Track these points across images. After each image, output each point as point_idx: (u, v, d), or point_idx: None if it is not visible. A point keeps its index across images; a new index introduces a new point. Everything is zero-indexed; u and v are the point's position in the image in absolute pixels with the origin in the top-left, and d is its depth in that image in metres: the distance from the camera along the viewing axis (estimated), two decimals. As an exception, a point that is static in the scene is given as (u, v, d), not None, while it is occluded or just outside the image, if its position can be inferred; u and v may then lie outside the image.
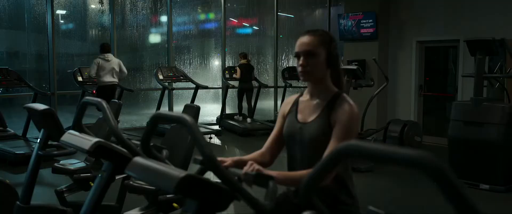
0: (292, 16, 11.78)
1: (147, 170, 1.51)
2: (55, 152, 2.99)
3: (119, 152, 2.04)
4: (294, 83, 10.07)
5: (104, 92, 7.94)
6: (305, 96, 2.04)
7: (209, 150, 1.45)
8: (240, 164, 1.94)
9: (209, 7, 11.66)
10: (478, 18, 7.58)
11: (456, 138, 5.56)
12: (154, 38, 11.01)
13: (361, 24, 8.71)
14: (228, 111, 10.43)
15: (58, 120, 2.80)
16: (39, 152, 2.81)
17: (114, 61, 8.02)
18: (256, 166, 1.68)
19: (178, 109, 10.32)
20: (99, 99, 2.13)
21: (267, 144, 2.08)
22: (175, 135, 3.54)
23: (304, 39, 1.94)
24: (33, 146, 6.98)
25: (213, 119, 10.57)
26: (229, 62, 10.74)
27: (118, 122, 4.63)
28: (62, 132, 2.81)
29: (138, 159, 1.58)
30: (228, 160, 1.85)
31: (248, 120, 9.55)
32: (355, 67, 6.18)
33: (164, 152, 2.22)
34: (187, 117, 1.49)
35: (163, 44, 10.62)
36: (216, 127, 9.34)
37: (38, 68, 9.52)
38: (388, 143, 6.81)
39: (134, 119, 10.23)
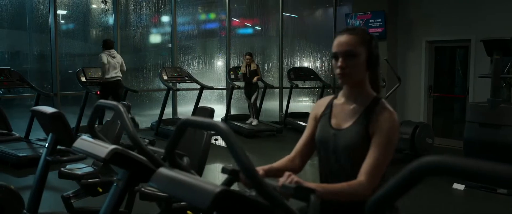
0: (295, 16, 11.61)
1: (175, 183, 1.35)
2: (65, 158, 2.83)
3: (138, 160, 1.89)
4: (299, 84, 9.90)
5: (109, 88, 7.82)
6: (340, 99, 1.89)
7: (248, 161, 1.29)
8: (271, 173, 1.79)
9: (212, 7, 11.52)
10: (489, 17, 7.43)
11: (472, 140, 5.40)
12: (157, 38, 10.87)
13: (369, 24, 8.57)
14: (232, 112, 10.27)
15: (67, 124, 2.65)
16: (47, 158, 2.66)
17: (118, 58, 7.91)
18: (295, 178, 1.53)
19: (182, 109, 10.17)
20: (115, 103, 1.98)
21: (297, 148, 1.92)
22: (187, 139, 3.38)
23: (343, 38, 1.79)
24: (37, 148, 6.83)
25: (216, 119, 10.36)
26: (233, 63, 10.59)
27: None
28: (71, 136, 2.66)
29: (164, 170, 1.43)
30: (258, 170, 1.70)
31: (254, 121, 9.39)
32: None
33: (185, 160, 2.07)
34: (221, 124, 1.34)
35: (165, 44, 10.48)
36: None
37: (39, 68, 9.39)
38: (400, 145, 6.67)
39: (137, 120, 10.06)
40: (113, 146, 1.88)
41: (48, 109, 2.63)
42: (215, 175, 6.26)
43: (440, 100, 8.50)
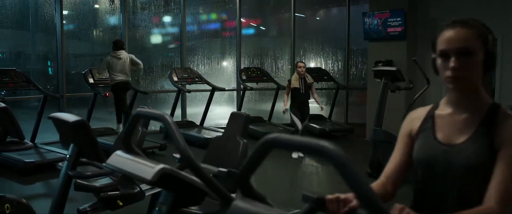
0: (303, 15, 11.27)
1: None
2: (89, 173, 2.50)
3: (190, 182, 1.56)
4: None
5: (116, 90, 7.53)
6: (445, 109, 1.54)
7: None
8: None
9: (218, 7, 11.20)
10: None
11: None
12: (162, 38, 10.57)
13: (388, 23, 8.23)
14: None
15: (92, 134, 2.32)
16: (69, 172, 2.32)
17: (125, 58, 7.57)
18: (410, 212, 1.21)
19: (191, 111, 9.83)
20: (160, 113, 1.65)
21: (387, 173, 1.58)
22: (220, 147, 3.05)
23: (454, 32, 1.46)
24: (44, 153, 6.50)
25: (226, 121, 10.05)
26: (244, 63, 10.26)
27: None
28: (97, 148, 2.33)
29: (243, 205, 1.10)
30: (347, 197, 1.36)
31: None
32: (394, 68, 5.70)
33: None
34: (331, 146, 1.01)
35: (168, 44, 10.18)
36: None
37: (42, 69, 9.10)
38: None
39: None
40: (160, 166, 1.55)
41: (70, 117, 2.29)
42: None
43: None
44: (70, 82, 8.60)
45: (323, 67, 10.62)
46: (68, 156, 2.41)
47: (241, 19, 10.23)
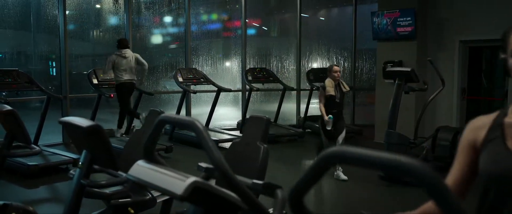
0: (306, 15, 11.11)
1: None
2: (103, 182, 2.34)
3: (226, 197, 1.40)
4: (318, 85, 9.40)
5: (121, 91, 7.34)
6: None
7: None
8: None
9: (225, 7, 11.05)
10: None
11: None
12: (169, 38, 10.42)
13: (397, 23, 8.07)
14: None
15: (107, 140, 2.15)
16: (81, 181, 2.16)
17: (131, 57, 7.39)
18: None
19: (194, 112, 9.66)
20: (189, 118, 1.49)
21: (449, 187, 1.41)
22: (239, 154, 2.89)
23: None
24: (47, 156, 6.34)
25: (231, 123, 9.93)
26: (248, 64, 10.09)
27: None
28: (113, 155, 2.17)
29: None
30: None
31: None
32: (408, 69, 5.54)
33: (279, 193, 1.57)
34: (420, 166, 0.84)
35: (175, 45, 10.02)
36: (238, 133, 8.66)
37: (43, 69, 8.96)
38: (439, 153, 6.19)
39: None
40: (192, 179, 1.39)
41: (83, 121, 2.13)
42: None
43: (474, 104, 8.00)
44: (72, 83, 8.44)
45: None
46: (80, 163, 2.25)
47: (241, 19, 10.07)
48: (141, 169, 1.57)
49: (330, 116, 5.66)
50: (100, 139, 2.12)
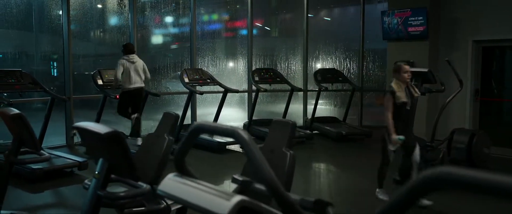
0: (311, 15, 10.94)
1: None
2: (122, 194, 2.16)
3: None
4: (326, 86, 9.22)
5: (129, 97, 7.16)
6: None
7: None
8: None
9: (231, 7, 10.88)
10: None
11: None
12: (174, 39, 10.24)
13: (408, 22, 7.90)
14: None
15: (127, 148, 1.97)
16: (98, 192, 1.98)
17: (139, 63, 7.21)
18: None
19: (203, 112, 9.48)
20: (230, 127, 1.31)
21: None
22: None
23: None
24: (52, 159, 6.16)
25: (237, 124, 9.76)
26: (256, 65, 9.92)
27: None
28: (133, 164, 1.99)
29: None
30: None
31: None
32: (426, 70, 5.37)
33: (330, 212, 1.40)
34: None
35: (176, 45, 9.84)
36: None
37: (45, 70, 8.79)
38: (454, 156, 6.01)
39: (152, 125, 9.40)
40: (238, 198, 1.21)
41: (100, 128, 1.95)
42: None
43: (487, 105, 7.82)
44: (74, 84, 8.26)
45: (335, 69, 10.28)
46: (96, 172, 2.08)
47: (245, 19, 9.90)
48: (174, 184, 1.40)
49: (402, 137, 4.59)
50: (119, 147, 1.94)
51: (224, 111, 8.68)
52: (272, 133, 2.74)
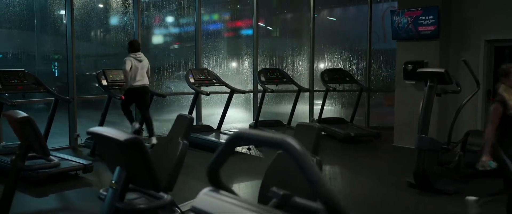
0: (316, 15, 10.78)
1: None
2: (142, 207, 2.00)
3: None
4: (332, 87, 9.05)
5: (135, 96, 7.02)
6: None
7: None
8: None
9: (235, 6, 10.72)
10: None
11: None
12: (177, 39, 10.10)
13: (419, 21, 7.74)
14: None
15: (148, 156, 1.81)
16: (116, 204, 1.82)
17: (145, 61, 7.08)
18: None
19: (206, 112, 9.33)
20: (278, 136, 1.16)
21: None
22: (288, 168, 2.55)
23: None
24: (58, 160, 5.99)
25: (242, 125, 9.60)
26: (262, 65, 9.77)
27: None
28: (155, 175, 1.83)
29: None
30: None
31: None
32: (442, 70, 5.21)
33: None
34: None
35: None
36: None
37: (46, 70, 8.66)
38: (471, 160, 5.84)
39: (157, 126, 9.25)
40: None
41: (118, 133, 1.79)
42: None
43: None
44: (77, 84, 8.12)
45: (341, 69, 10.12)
46: (113, 181, 1.92)
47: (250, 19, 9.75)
48: (211, 200, 1.24)
49: (494, 164, 3.76)
50: (140, 155, 1.78)
51: (229, 112, 8.53)
52: (297, 137, 2.58)
